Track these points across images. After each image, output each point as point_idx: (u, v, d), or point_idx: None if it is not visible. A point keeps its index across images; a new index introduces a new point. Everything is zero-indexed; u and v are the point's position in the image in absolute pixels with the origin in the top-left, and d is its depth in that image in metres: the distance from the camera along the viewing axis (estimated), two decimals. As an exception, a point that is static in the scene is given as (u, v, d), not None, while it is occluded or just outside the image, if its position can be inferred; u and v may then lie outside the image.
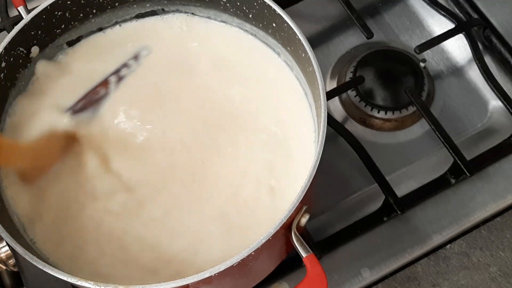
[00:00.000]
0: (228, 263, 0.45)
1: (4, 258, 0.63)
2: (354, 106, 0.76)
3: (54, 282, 0.50)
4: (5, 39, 0.56)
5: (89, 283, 0.45)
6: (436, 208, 0.68)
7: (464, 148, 0.69)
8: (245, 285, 0.60)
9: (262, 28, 0.62)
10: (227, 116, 0.61)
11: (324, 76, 0.80)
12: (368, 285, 0.65)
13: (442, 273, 0.68)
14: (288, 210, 0.47)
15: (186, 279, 0.45)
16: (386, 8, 0.85)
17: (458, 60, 0.81)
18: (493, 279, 0.68)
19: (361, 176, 0.71)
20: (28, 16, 0.57)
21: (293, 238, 0.51)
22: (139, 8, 0.65)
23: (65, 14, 0.61)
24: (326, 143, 0.50)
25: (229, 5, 0.62)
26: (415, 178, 0.71)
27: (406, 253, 0.66)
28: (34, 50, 0.60)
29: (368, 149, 0.69)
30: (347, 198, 0.72)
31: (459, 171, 0.68)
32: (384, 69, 0.77)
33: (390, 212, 0.67)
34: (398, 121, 0.76)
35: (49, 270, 0.46)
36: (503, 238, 0.70)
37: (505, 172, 0.70)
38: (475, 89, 0.79)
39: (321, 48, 0.82)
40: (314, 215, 0.69)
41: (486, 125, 0.76)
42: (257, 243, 0.46)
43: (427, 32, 0.83)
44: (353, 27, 0.82)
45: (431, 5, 0.80)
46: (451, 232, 0.67)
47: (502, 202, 0.69)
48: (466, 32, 0.77)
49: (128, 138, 0.60)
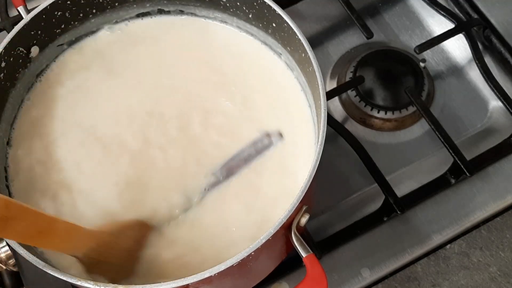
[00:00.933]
0: (228, 263, 0.45)
1: (4, 258, 0.63)
2: (354, 106, 0.76)
3: (54, 282, 0.49)
4: (5, 39, 0.56)
5: (89, 283, 0.45)
6: (436, 208, 0.68)
7: (464, 148, 0.69)
8: (245, 285, 0.60)
9: (262, 28, 0.62)
10: (226, 116, 0.61)
11: (324, 76, 0.80)
12: (368, 285, 0.65)
13: (442, 273, 0.68)
14: (288, 210, 0.47)
15: (186, 279, 0.45)
16: (386, 8, 0.85)
17: (458, 60, 0.81)
18: (493, 279, 0.68)
19: (361, 176, 0.71)
20: (28, 16, 0.57)
21: (293, 238, 0.51)
22: (139, 8, 0.65)
23: (65, 14, 0.61)
24: (326, 143, 0.50)
25: (229, 5, 0.62)
26: (415, 178, 0.71)
27: (406, 253, 0.66)
28: (34, 50, 0.60)
29: (368, 149, 0.69)
30: (347, 198, 0.72)
31: (459, 171, 0.68)
32: (384, 69, 0.77)
33: (390, 212, 0.67)
34: (398, 121, 0.76)
35: (49, 270, 0.46)
36: (503, 238, 0.70)
37: (505, 172, 0.70)
38: (475, 89, 0.79)
39: (321, 48, 0.82)
40: (314, 215, 0.69)
41: (486, 125, 0.76)
42: (257, 243, 0.46)
43: (427, 32, 0.83)
44: (353, 27, 0.82)
45: (431, 5, 0.80)
46: (451, 232, 0.67)
47: (502, 202, 0.69)
48: (466, 32, 0.77)
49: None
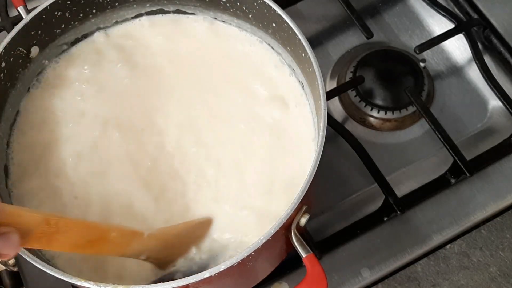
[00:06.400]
0: (228, 263, 0.45)
1: (4, 258, 0.63)
2: (354, 106, 0.76)
3: (54, 282, 0.49)
4: (5, 39, 0.56)
5: (89, 283, 0.45)
6: (436, 208, 0.68)
7: (464, 148, 0.69)
8: (245, 285, 0.60)
9: (262, 28, 0.62)
10: (226, 116, 0.61)
11: (324, 76, 0.80)
12: (368, 285, 0.65)
13: (442, 273, 0.68)
14: (288, 210, 0.47)
15: (186, 279, 0.45)
16: (386, 8, 0.85)
17: (458, 60, 0.81)
18: (493, 279, 0.68)
19: (361, 176, 0.71)
20: (28, 16, 0.57)
21: (293, 238, 0.51)
22: (139, 8, 0.65)
23: (65, 14, 0.61)
24: (326, 143, 0.50)
25: (229, 5, 0.62)
26: (415, 178, 0.71)
27: (406, 253, 0.66)
28: (34, 50, 0.60)
29: (368, 149, 0.69)
30: (347, 198, 0.72)
31: (459, 171, 0.68)
32: (384, 69, 0.77)
33: (390, 212, 0.67)
34: (398, 121, 0.76)
35: (49, 270, 0.46)
36: (503, 238, 0.70)
37: (505, 172, 0.70)
38: (475, 89, 0.79)
39: (321, 48, 0.82)
40: (314, 215, 0.69)
41: (486, 125, 0.76)
42: (257, 243, 0.46)
43: (427, 32, 0.83)
44: (353, 27, 0.82)
45: (431, 5, 0.79)
46: (451, 232, 0.67)
47: (502, 202, 0.69)
48: (466, 32, 0.77)
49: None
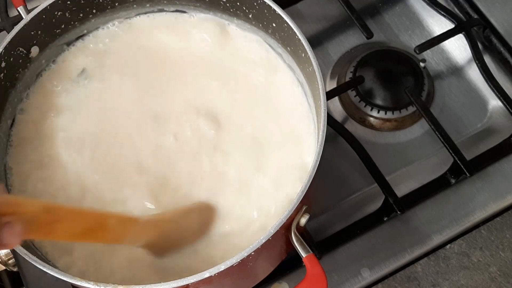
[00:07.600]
0: (228, 263, 0.45)
1: (4, 258, 0.63)
2: (354, 106, 0.76)
3: (54, 282, 0.50)
4: (5, 39, 0.56)
5: (89, 283, 0.45)
6: (436, 208, 0.68)
7: (464, 148, 0.69)
8: (245, 285, 0.60)
9: (262, 28, 0.62)
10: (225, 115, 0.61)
11: (324, 76, 0.80)
12: (368, 285, 0.65)
13: (442, 273, 0.68)
14: (288, 210, 0.47)
15: (186, 279, 0.45)
16: (386, 8, 0.85)
17: (458, 60, 0.81)
18: (493, 279, 0.68)
19: (361, 176, 0.71)
20: (28, 16, 0.57)
21: (293, 238, 0.51)
22: (139, 8, 0.65)
23: (65, 14, 0.61)
24: (326, 143, 0.50)
25: (229, 5, 0.62)
26: (415, 178, 0.71)
27: (406, 253, 0.66)
28: (34, 50, 0.60)
29: (368, 149, 0.69)
30: (347, 198, 0.72)
31: (459, 171, 0.68)
32: (384, 69, 0.77)
33: (390, 212, 0.67)
34: (398, 121, 0.76)
35: (49, 270, 0.46)
36: (503, 238, 0.70)
37: (505, 172, 0.70)
38: (475, 89, 0.79)
39: (321, 48, 0.82)
40: (314, 215, 0.69)
41: (486, 125, 0.76)
42: (257, 243, 0.46)
43: (427, 32, 0.83)
44: (353, 27, 0.82)
45: (431, 5, 0.79)
46: (451, 232, 0.67)
47: (502, 202, 0.69)
48: (466, 32, 0.77)
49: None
